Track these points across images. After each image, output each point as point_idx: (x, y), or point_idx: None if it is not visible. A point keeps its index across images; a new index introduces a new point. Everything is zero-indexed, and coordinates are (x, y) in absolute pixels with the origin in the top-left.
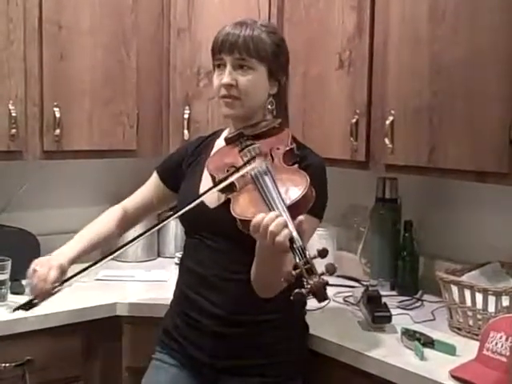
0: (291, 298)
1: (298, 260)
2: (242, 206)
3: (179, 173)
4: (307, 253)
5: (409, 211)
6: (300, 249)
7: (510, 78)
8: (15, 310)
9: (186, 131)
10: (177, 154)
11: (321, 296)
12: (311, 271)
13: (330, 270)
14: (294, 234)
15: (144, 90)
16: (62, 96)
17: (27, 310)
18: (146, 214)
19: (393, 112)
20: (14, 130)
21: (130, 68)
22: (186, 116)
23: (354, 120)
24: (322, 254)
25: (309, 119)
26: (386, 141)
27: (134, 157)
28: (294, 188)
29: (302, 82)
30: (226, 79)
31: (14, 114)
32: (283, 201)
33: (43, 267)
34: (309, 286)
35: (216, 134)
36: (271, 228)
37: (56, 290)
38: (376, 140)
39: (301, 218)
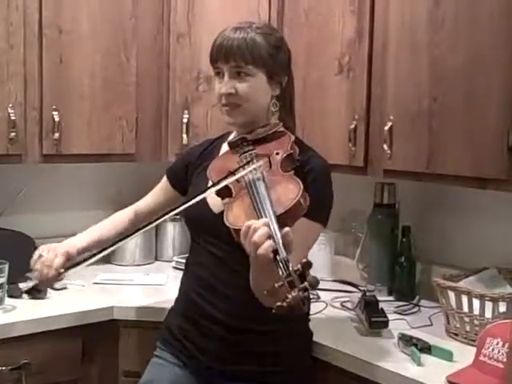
0: (273, 311)
1: (280, 273)
2: (234, 215)
3: (186, 176)
4: (290, 265)
5: (407, 216)
6: (283, 261)
7: (509, 84)
8: (21, 293)
9: (184, 135)
10: (183, 157)
11: (298, 311)
12: (293, 285)
13: (313, 283)
14: (279, 245)
15: (143, 95)
16: (62, 100)
17: (33, 295)
18: None
19: (391, 117)
20: (13, 134)
21: (129, 72)
22: (185, 120)
23: (353, 125)
24: (306, 266)
25: (308, 124)
26: (385, 146)
27: (133, 161)
28: (285, 197)
29: (302, 86)
30: (224, 89)
31: (13, 118)
32: (273, 209)
33: (49, 253)
34: (288, 300)
35: (223, 138)
36: (254, 239)
37: (60, 277)
38: (374, 145)
39: (287, 229)
